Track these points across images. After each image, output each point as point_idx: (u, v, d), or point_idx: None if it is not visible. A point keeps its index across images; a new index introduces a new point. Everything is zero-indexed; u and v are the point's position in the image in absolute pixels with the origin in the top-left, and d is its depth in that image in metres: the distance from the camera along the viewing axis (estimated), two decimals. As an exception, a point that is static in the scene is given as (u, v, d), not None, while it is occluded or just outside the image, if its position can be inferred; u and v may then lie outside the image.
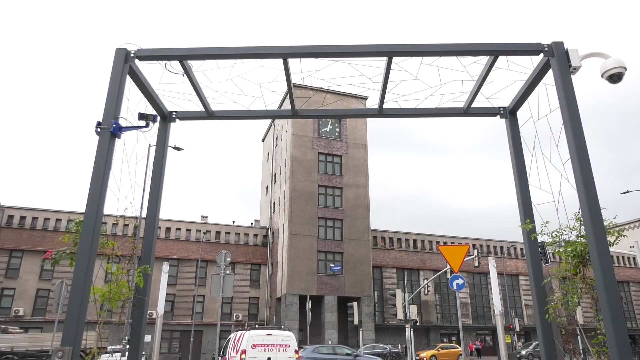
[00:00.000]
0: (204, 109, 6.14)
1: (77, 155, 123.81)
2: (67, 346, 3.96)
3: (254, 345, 13.01)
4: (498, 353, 35.52)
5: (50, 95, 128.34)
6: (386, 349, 33.95)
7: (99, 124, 4.69)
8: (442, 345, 35.19)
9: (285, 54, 5.20)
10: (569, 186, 4.51)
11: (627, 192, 25.25)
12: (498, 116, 6.11)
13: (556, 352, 5.18)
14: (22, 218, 39.77)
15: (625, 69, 4.78)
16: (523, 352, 38.88)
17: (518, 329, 43.57)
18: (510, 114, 6.01)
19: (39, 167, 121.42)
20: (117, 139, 4.76)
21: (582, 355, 5.81)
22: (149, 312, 6.06)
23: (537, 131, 5.26)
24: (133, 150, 5.07)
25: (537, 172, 5.20)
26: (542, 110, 5.19)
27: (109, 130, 4.65)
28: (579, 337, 5.50)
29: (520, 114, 6.08)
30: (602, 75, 4.85)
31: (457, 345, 35.99)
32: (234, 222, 47.51)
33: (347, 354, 24.18)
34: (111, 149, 4.67)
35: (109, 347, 20.65)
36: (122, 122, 4.83)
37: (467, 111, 6.10)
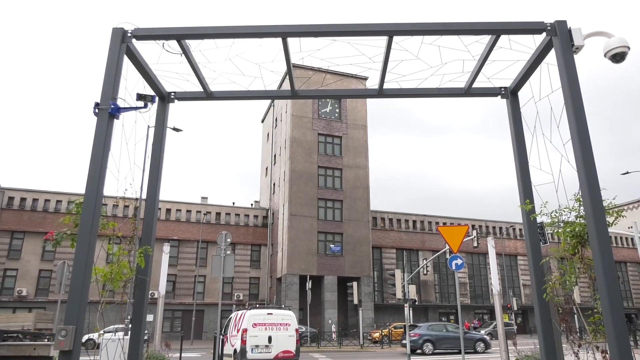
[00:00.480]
0: (202, 90, 6.09)
1: (77, 137, 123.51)
2: (70, 325, 4.01)
3: (255, 324, 13.17)
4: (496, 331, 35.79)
5: (49, 76, 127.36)
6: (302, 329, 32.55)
7: (96, 104, 4.65)
8: (395, 325, 35.19)
9: (284, 33, 5.14)
10: (569, 167, 4.51)
11: (627, 172, 25.25)
12: (499, 96, 6.07)
13: (553, 331, 5.25)
14: (23, 200, 39.87)
15: (629, 48, 4.72)
16: (482, 332, 39.07)
17: (515, 308, 44.11)
18: (511, 94, 5.97)
19: (38, 148, 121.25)
20: (115, 119, 4.73)
21: (578, 334, 5.90)
22: (150, 292, 6.12)
23: (538, 111, 5.23)
24: (132, 132, 5.05)
25: (538, 152, 5.19)
26: (544, 91, 5.15)
27: (107, 111, 4.62)
28: (575, 316, 5.57)
29: (522, 94, 6.04)
30: (605, 55, 4.80)
31: None
32: (234, 203, 47.68)
33: (456, 330, 25.42)
34: (110, 130, 4.65)
35: (111, 327, 20.95)
36: (121, 103, 4.80)
37: (468, 91, 6.05)
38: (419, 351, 23.71)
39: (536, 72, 5.43)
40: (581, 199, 4.62)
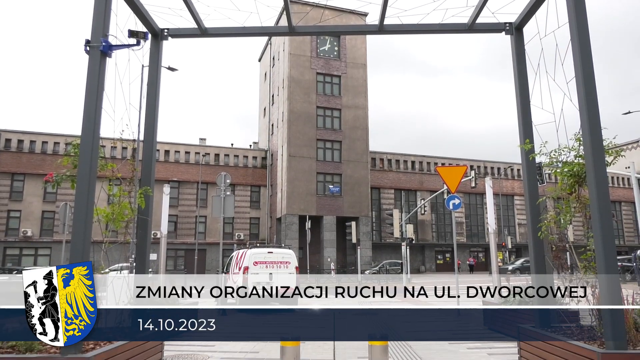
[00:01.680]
0: (196, 26, 5.88)
1: (73, 76, 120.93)
2: (75, 264, 4.11)
3: (256, 263, 13.55)
4: (490, 268, 37.06)
5: (41, 12, 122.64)
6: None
7: (87, 42, 4.50)
8: None
9: (280, -36, 4.88)
10: (571, 107, 4.44)
11: (629, 112, 24.93)
12: (503, 32, 5.87)
13: (546, 267, 5.41)
14: (20, 142, 39.69)
15: (642, -21, 4.51)
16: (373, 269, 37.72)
17: (510, 247, 45.29)
18: (516, 30, 5.78)
19: (32, 88, 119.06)
20: (108, 58, 4.59)
21: (569, 270, 6.08)
22: (153, 232, 6.24)
23: (543, 48, 5.08)
24: (125, 71, 4.93)
25: (540, 91, 5.10)
26: (550, 27, 4.97)
27: (99, 49, 4.47)
28: (568, 253, 5.71)
29: (526, 31, 5.84)
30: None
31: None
32: (232, 144, 47.57)
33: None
34: (102, 69, 4.53)
35: (116, 265, 21.52)
36: (112, 40, 4.64)
37: (472, 27, 5.85)
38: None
39: (543, 7, 5.22)
40: (581, 138, 4.59)
